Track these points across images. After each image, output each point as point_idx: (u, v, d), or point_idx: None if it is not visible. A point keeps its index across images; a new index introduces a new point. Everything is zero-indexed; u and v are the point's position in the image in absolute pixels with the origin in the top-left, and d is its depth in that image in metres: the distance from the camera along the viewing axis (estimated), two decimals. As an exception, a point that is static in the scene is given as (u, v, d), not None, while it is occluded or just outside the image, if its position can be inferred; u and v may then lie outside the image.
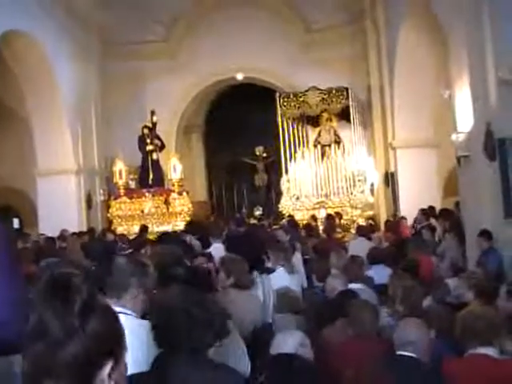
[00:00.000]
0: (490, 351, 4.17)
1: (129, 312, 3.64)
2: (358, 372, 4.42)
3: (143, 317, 3.66)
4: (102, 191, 18.92)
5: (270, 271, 7.11)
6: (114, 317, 1.81)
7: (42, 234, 15.12)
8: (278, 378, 4.07)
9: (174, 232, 12.25)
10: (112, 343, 1.76)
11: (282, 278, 7.09)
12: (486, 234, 9.80)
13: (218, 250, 9.23)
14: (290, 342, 4.15)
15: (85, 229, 16.44)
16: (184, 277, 5.14)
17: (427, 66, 15.66)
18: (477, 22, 10.44)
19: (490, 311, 4.59)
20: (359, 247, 10.31)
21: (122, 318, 1.97)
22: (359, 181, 18.07)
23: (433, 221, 13.75)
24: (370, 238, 12.04)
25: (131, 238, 14.07)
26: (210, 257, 7.85)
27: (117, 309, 3.34)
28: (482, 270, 7.36)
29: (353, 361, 4.71)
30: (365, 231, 12.51)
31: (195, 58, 20.61)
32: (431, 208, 14.26)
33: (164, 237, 8.63)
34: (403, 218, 15.25)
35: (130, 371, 2.06)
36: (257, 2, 20.68)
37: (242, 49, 20.27)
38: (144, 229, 14.87)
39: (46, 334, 1.66)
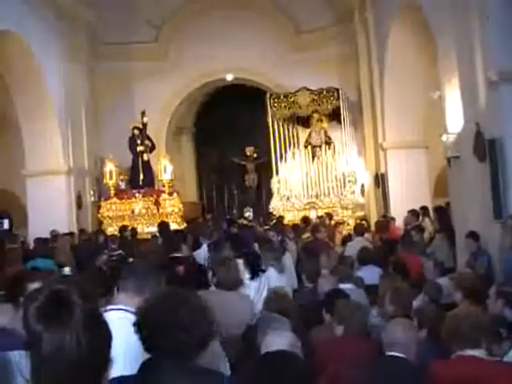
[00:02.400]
0: (477, 352, 4.17)
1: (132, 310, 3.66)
2: (339, 371, 4.42)
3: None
4: (92, 192, 18.87)
5: (263, 271, 7.13)
6: (106, 324, 1.95)
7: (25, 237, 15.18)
8: (269, 375, 4.05)
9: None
10: (109, 347, 1.86)
11: (272, 278, 7.10)
12: (473, 236, 9.83)
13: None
14: (279, 342, 4.14)
15: (75, 229, 16.39)
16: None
17: (417, 67, 15.68)
18: (465, 24, 10.47)
19: (477, 312, 4.58)
20: (356, 247, 10.30)
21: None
22: (349, 181, 18.07)
23: (426, 220, 13.79)
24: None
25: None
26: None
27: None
28: (472, 271, 7.36)
29: (341, 360, 4.71)
30: (362, 231, 12.52)
31: (185, 59, 20.60)
32: (424, 208, 14.29)
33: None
34: (392, 218, 15.27)
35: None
36: (246, 3, 20.68)
37: (231, 50, 20.25)
38: (123, 229, 14.90)
39: (56, 349, 1.73)
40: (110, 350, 1.91)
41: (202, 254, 8.98)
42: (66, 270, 8.98)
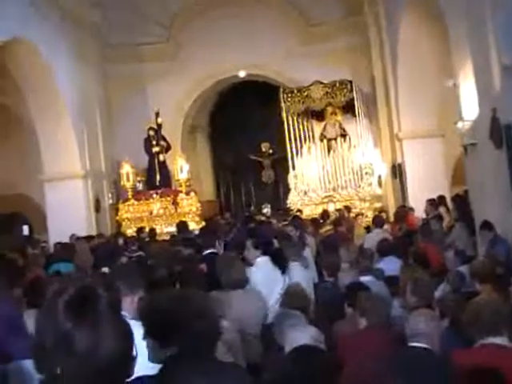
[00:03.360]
0: (499, 340, 4.13)
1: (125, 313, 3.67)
2: (363, 363, 4.40)
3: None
4: (109, 195, 18.95)
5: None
6: (128, 324, 1.95)
7: (45, 241, 15.21)
8: (299, 371, 4.05)
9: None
10: (132, 346, 1.86)
11: (297, 273, 7.08)
12: (486, 225, 9.72)
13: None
14: (302, 337, 4.14)
15: (94, 233, 16.44)
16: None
17: (430, 55, 15.60)
18: (478, 9, 10.38)
19: (497, 300, 4.55)
20: (376, 239, 10.26)
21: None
22: (366, 173, 18.03)
23: (442, 210, 13.69)
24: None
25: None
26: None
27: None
28: (492, 259, 7.30)
29: (365, 352, 4.69)
30: (381, 223, 12.48)
31: (196, 58, 20.60)
32: (441, 197, 14.19)
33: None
34: (410, 208, 15.20)
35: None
36: (257, -1, 20.67)
37: (242, 46, 20.24)
38: (140, 231, 14.96)
39: (82, 348, 1.73)
40: (133, 348, 1.90)
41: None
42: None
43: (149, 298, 3.01)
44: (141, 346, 2.44)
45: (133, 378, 1.95)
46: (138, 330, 2.91)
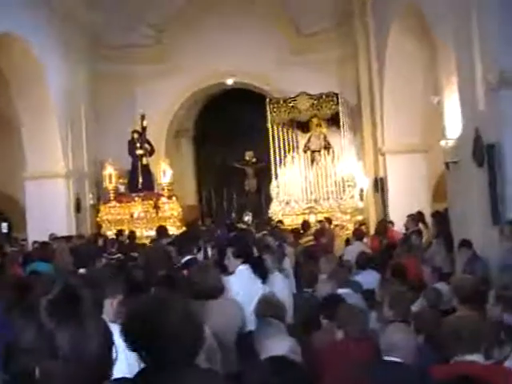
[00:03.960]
0: (475, 357, 4.17)
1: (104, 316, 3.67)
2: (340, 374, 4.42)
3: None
4: (91, 195, 18.87)
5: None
6: (108, 325, 1.97)
7: (24, 240, 15.11)
8: (276, 381, 4.04)
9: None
10: (113, 347, 1.86)
11: (278, 283, 7.07)
12: (466, 243, 9.81)
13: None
14: (280, 347, 4.14)
15: (73, 233, 16.37)
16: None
17: (416, 71, 15.71)
18: (465, 28, 10.49)
19: (476, 317, 4.59)
20: (356, 251, 10.30)
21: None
22: (349, 186, 18.11)
23: (421, 226, 13.78)
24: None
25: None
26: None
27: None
28: (470, 276, 7.36)
29: (342, 364, 4.72)
30: (361, 236, 12.53)
31: (186, 62, 20.60)
32: (419, 213, 14.28)
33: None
34: (390, 222, 15.28)
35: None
36: (248, 7, 20.69)
37: (232, 53, 20.26)
38: (119, 233, 14.92)
39: (66, 347, 1.73)
40: (113, 350, 1.91)
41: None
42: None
43: (131, 305, 2.98)
44: (120, 348, 2.43)
45: (112, 379, 1.96)
46: (116, 332, 2.91)
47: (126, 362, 2.81)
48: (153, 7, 20.29)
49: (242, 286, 6.43)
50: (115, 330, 2.24)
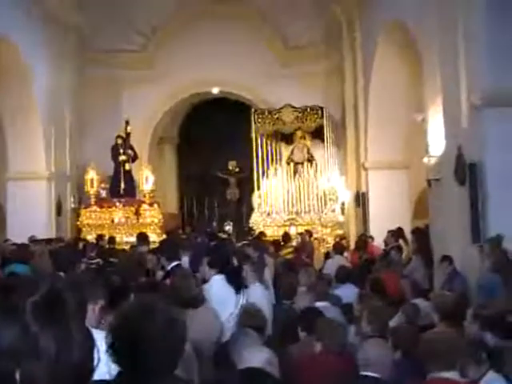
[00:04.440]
0: (451, 374, 4.18)
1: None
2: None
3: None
4: (72, 199, 18.77)
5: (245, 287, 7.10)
6: (89, 329, 1.97)
7: (7, 240, 14.94)
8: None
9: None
10: (93, 352, 1.85)
11: (257, 294, 7.06)
12: (447, 259, 9.88)
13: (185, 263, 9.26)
14: (258, 358, 4.13)
15: (54, 235, 16.26)
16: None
17: (401, 88, 15.81)
18: (451, 47, 10.59)
19: (454, 334, 4.61)
20: (335, 265, 10.33)
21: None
22: (330, 200, 18.17)
23: (401, 242, 13.84)
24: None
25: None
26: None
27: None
28: (450, 293, 7.40)
29: (319, 377, 4.72)
30: (341, 249, 12.57)
31: (172, 70, 20.62)
32: (399, 229, 14.33)
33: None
34: (370, 237, 15.32)
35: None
36: (235, 17, 20.78)
37: (219, 62, 20.31)
38: (99, 238, 14.86)
39: (49, 350, 1.71)
40: (93, 356, 1.90)
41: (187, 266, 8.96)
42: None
43: (118, 309, 2.95)
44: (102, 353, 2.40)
45: (92, 381, 1.96)
46: (97, 337, 2.89)
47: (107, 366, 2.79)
48: (141, 13, 20.32)
49: (215, 295, 6.43)
50: (97, 335, 2.22)
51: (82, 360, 1.79)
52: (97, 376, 2.03)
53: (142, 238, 12.05)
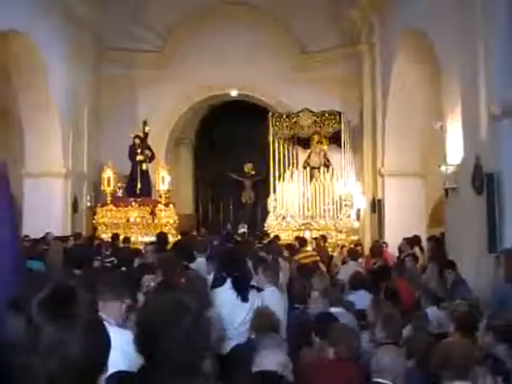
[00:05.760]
0: (464, 384, 4.17)
1: (111, 320, 3.69)
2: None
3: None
4: (88, 197, 18.86)
5: (259, 290, 7.06)
6: (105, 328, 1.91)
7: (26, 237, 15.02)
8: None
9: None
10: (107, 350, 1.83)
11: (272, 298, 7.03)
12: (450, 265, 9.82)
13: (201, 264, 9.24)
14: (272, 360, 4.14)
15: (69, 233, 16.34)
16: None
17: (420, 96, 15.78)
18: (471, 57, 10.58)
19: (468, 344, 4.59)
20: (350, 271, 10.30)
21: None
22: (346, 205, 18.12)
23: (416, 250, 13.78)
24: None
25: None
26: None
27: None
28: (466, 302, 7.37)
29: (331, 382, 4.71)
30: (356, 255, 12.53)
31: (189, 71, 20.69)
32: (415, 237, 14.28)
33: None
34: (385, 243, 15.26)
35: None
36: (254, 20, 20.82)
37: (237, 65, 20.37)
38: (115, 237, 14.85)
39: (51, 345, 1.70)
40: (107, 355, 1.89)
41: (203, 268, 8.92)
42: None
43: (147, 303, 2.98)
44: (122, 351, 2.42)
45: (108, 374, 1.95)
46: (120, 336, 2.91)
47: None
48: (158, 14, 20.43)
49: (224, 302, 6.40)
50: (119, 334, 2.25)
51: (86, 356, 1.77)
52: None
53: (163, 238, 11.94)
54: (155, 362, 2.45)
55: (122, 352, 2.98)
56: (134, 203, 18.02)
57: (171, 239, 15.51)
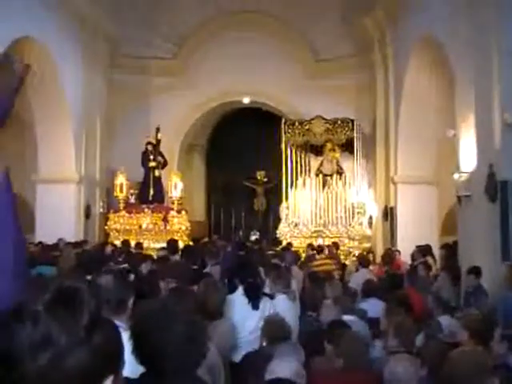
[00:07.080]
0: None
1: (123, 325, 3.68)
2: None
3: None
4: (101, 203, 18.92)
5: (272, 297, 7.04)
6: (118, 331, 1.85)
7: (40, 243, 15.10)
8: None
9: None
10: (115, 357, 1.79)
11: (284, 306, 7.01)
12: (474, 271, 9.74)
13: (215, 271, 9.25)
14: (286, 369, 4.12)
15: (81, 239, 16.38)
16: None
17: (433, 104, 15.74)
18: (485, 65, 10.55)
19: (482, 353, 4.56)
20: (361, 279, 10.27)
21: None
22: (358, 213, 18.10)
23: (428, 258, 13.72)
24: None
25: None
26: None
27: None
28: (479, 311, 7.32)
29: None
30: (367, 263, 12.49)
31: (202, 78, 20.77)
32: (427, 246, 14.22)
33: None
34: (397, 251, 15.21)
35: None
36: (267, 27, 20.88)
37: (249, 72, 20.41)
38: (125, 243, 14.85)
39: (51, 345, 1.67)
40: (113, 360, 1.82)
41: (217, 275, 8.93)
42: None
43: (139, 308, 2.97)
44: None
45: None
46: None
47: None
48: (171, 22, 20.52)
49: (237, 309, 6.40)
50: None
51: (94, 359, 1.73)
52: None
53: (173, 245, 11.93)
54: (150, 369, 2.45)
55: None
56: (146, 210, 18.07)
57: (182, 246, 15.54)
